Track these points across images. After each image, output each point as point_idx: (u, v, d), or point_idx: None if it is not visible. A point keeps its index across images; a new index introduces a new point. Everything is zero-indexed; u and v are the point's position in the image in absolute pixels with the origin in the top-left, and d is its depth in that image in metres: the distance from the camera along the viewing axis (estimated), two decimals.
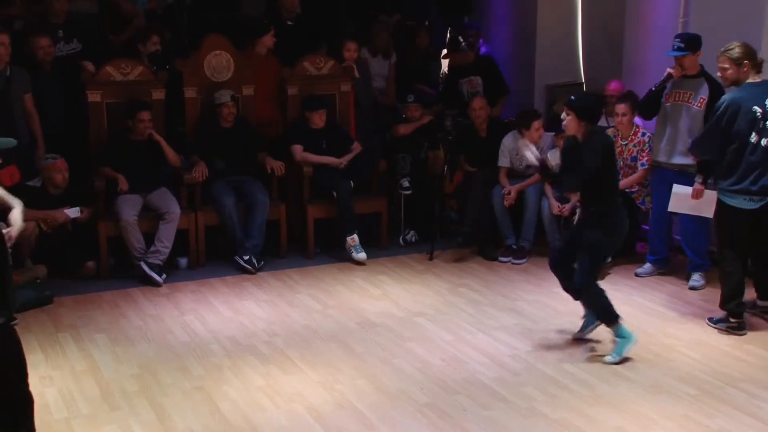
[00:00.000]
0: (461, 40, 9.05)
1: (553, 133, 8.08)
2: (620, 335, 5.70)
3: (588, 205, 5.83)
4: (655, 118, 7.21)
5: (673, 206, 6.91)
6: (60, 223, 7.14)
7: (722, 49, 6.19)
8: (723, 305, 6.22)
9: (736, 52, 6.11)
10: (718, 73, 6.27)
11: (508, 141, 8.05)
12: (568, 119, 5.70)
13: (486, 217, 8.01)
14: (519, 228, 7.98)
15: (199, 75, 7.98)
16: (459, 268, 7.74)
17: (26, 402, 4.08)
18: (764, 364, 5.68)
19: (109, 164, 7.45)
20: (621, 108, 7.41)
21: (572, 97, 5.77)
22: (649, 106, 7.16)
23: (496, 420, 4.94)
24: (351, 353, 5.88)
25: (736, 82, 6.16)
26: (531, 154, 7.95)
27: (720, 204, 6.22)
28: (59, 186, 7.26)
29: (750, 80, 6.11)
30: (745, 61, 6.10)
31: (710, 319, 6.31)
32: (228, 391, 5.33)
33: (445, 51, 9.90)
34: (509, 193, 7.85)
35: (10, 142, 4.06)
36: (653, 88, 7.02)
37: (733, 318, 6.16)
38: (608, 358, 5.68)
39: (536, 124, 7.94)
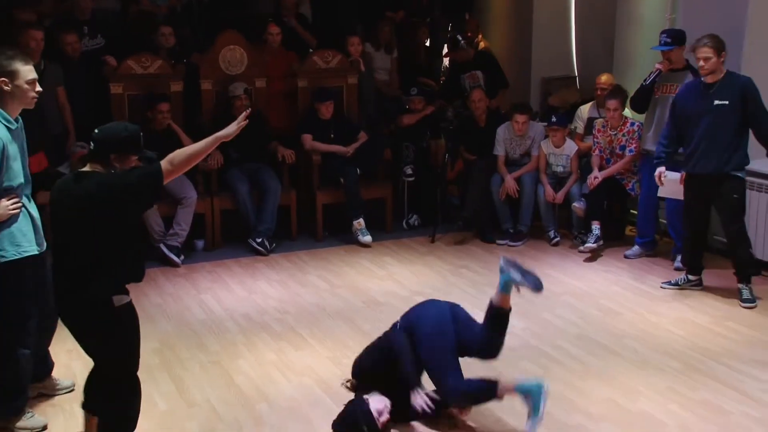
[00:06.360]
0: (460, 38, 9.06)
1: (545, 124, 8.10)
2: (523, 391, 4.38)
3: None
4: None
5: (662, 191, 6.92)
6: None
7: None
8: None
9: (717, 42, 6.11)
10: (701, 63, 6.15)
11: (501, 131, 8.04)
12: None
13: (485, 203, 8.02)
14: (516, 213, 8.00)
15: (214, 68, 8.00)
16: (459, 250, 7.76)
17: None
18: (744, 340, 5.70)
19: None
20: (612, 104, 7.39)
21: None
22: (641, 100, 7.14)
23: None
24: (358, 330, 5.90)
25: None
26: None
27: None
28: None
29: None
30: (723, 52, 6.13)
31: None
32: (242, 365, 5.37)
33: (446, 50, 9.92)
34: (513, 187, 7.85)
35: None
36: (644, 84, 7.02)
37: None
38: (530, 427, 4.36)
39: (519, 117, 7.89)
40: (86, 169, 3.85)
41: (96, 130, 3.87)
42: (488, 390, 4.39)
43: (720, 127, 6.16)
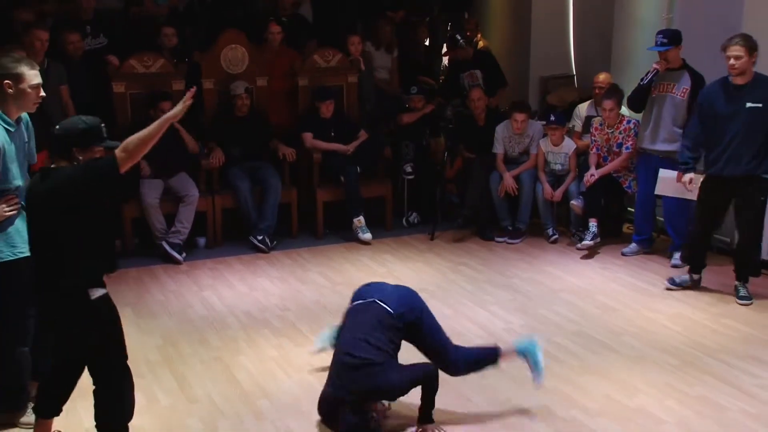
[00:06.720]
0: (459, 38, 9.07)
1: (543, 122, 8.09)
2: (522, 351, 4.74)
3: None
4: None
5: (659, 189, 6.91)
6: None
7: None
8: None
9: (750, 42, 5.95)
10: (731, 61, 5.95)
11: (500, 129, 8.04)
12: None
13: (484, 200, 8.02)
14: (515, 210, 8.00)
15: (216, 67, 8.00)
16: (458, 248, 7.76)
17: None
18: (740, 336, 5.70)
19: None
20: (608, 104, 7.38)
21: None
22: (638, 100, 7.13)
23: (493, 387, 4.96)
24: None
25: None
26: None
27: None
28: None
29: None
30: (755, 52, 5.97)
31: None
32: (243, 361, 5.37)
33: (445, 49, 9.91)
34: (512, 185, 7.85)
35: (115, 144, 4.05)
36: (642, 84, 7.00)
37: None
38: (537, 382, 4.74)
39: (517, 115, 7.88)
40: (52, 166, 3.88)
41: (56, 127, 3.92)
42: (490, 355, 4.70)
43: (752, 130, 6.01)
